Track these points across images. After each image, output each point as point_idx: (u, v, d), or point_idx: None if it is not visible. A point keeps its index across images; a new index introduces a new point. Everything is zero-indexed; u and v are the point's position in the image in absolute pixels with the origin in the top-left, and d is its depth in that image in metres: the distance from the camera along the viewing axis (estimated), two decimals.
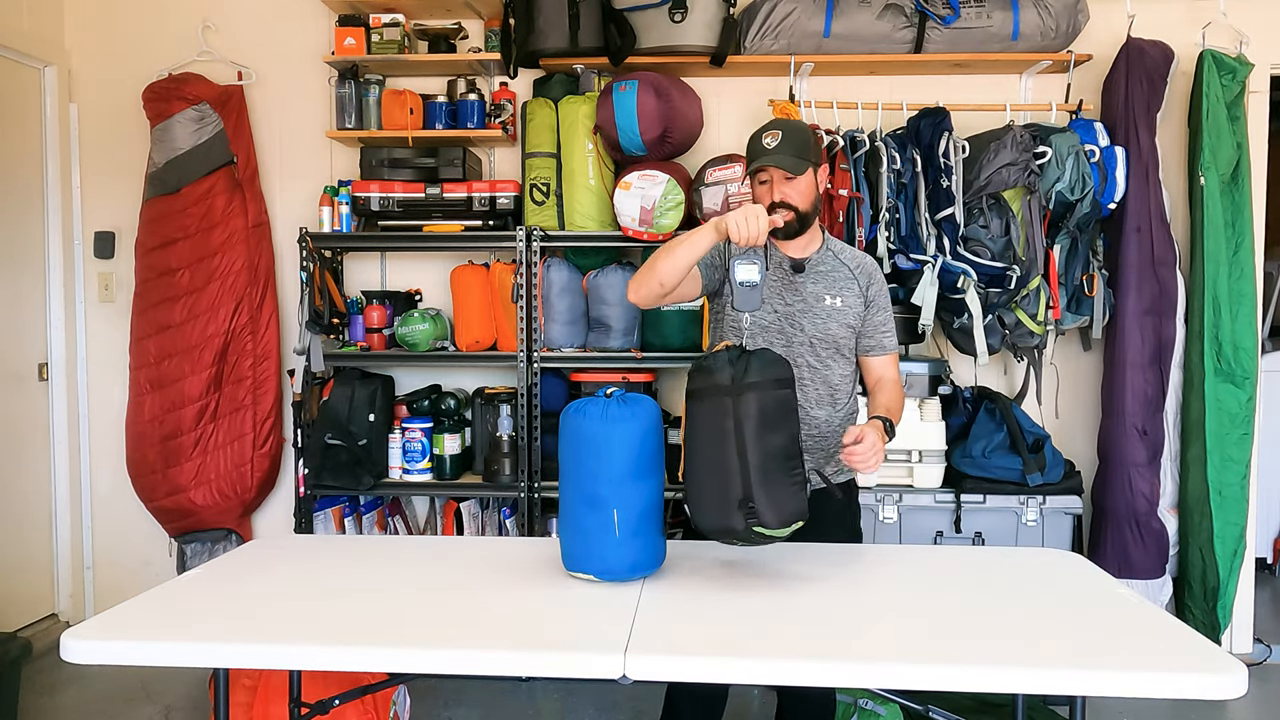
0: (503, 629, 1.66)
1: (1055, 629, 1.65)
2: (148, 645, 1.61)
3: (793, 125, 2.18)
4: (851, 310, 2.21)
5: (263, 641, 1.61)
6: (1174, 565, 3.33)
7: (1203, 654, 1.52)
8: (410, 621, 1.70)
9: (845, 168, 3.18)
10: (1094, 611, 1.75)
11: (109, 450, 3.80)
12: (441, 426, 3.47)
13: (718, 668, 1.54)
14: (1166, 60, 3.30)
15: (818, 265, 2.22)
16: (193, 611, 1.75)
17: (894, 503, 3.15)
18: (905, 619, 1.71)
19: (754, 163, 2.14)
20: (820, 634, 1.64)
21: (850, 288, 2.22)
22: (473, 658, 1.56)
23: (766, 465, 1.81)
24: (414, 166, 3.45)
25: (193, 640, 1.61)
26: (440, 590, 1.88)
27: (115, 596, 2.42)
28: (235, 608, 1.77)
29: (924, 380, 3.20)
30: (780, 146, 2.11)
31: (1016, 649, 1.56)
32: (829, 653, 1.56)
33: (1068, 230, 3.25)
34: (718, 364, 1.86)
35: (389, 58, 3.45)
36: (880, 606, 1.79)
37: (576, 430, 1.87)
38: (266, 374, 3.60)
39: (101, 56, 3.77)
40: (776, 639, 1.61)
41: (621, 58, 3.33)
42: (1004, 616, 1.71)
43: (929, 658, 1.52)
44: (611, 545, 1.84)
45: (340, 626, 1.67)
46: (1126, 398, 3.28)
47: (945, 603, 1.81)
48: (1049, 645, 1.57)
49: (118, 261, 3.81)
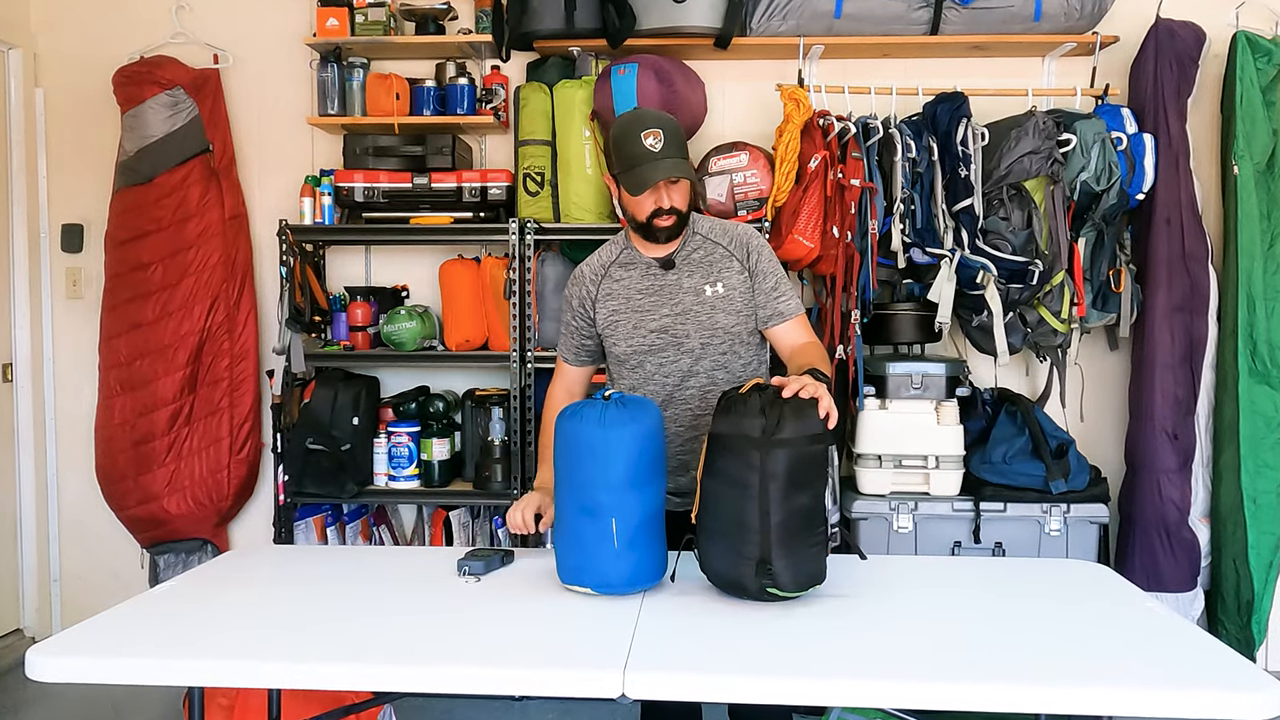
0: (495, 645, 1.66)
1: (1080, 645, 1.65)
2: (118, 662, 1.61)
3: (667, 118, 2.12)
4: (737, 292, 2.17)
5: (240, 658, 1.61)
6: (1206, 578, 3.33)
7: (1237, 671, 1.52)
8: (397, 637, 1.69)
9: (857, 156, 3.18)
10: (1121, 627, 1.75)
11: (77, 456, 3.80)
12: (430, 430, 3.47)
13: (722, 686, 1.54)
14: (1198, 42, 3.30)
15: (689, 255, 2.20)
16: (166, 627, 1.74)
17: (909, 511, 3.15)
18: (921, 634, 1.71)
19: (643, 171, 2.05)
20: (831, 650, 1.64)
21: (729, 267, 2.18)
22: (463, 675, 1.56)
23: (789, 524, 1.78)
24: (400, 155, 3.45)
25: (166, 657, 1.61)
26: (428, 604, 1.87)
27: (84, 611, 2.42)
28: (211, 623, 1.77)
29: (941, 381, 3.20)
30: (667, 148, 2.07)
31: (1039, 666, 1.56)
32: (840, 670, 1.56)
33: (1093, 222, 3.26)
34: (748, 411, 1.80)
35: (374, 39, 3.45)
36: (895, 621, 1.78)
37: (573, 435, 1.87)
38: (244, 375, 3.61)
39: (70, 38, 3.77)
40: (784, 655, 1.60)
41: (620, 39, 3.33)
42: (1025, 632, 1.71)
43: (946, 675, 1.52)
44: (610, 557, 1.84)
45: (322, 642, 1.67)
46: (1155, 400, 3.28)
47: (963, 617, 1.81)
48: (1073, 662, 1.57)
49: (86, 256, 3.81)
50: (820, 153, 3.17)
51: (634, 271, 2.21)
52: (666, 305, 2.18)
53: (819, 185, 3.17)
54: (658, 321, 2.18)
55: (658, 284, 2.19)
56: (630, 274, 2.21)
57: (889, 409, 3.19)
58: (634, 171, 2.08)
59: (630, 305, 2.20)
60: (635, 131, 2.08)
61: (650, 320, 2.18)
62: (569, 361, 2.32)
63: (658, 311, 2.18)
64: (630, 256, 2.23)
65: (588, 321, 2.25)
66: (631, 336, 2.19)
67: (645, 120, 2.11)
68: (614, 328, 2.21)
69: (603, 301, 2.22)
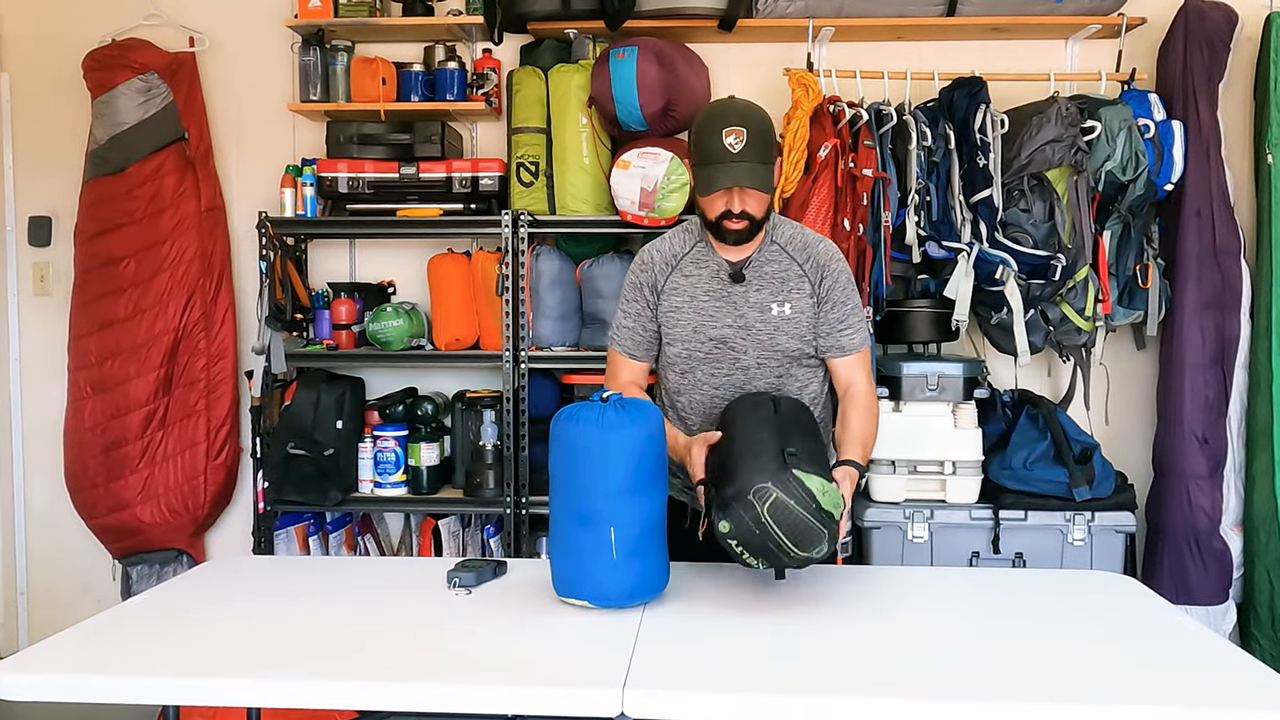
0: (486, 661, 1.66)
1: (1104, 661, 1.65)
2: (89, 679, 1.61)
3: (755, 115, 2.09)
4: (804, 316, 2.18)
5: (218, 675, 1.61)
6: (1238, 590, 3.33)
7: (1271, 689, 1.52)
8: (383, 652, 1.69)
9: (870, 145, 3.18)
10: (1148, 642, 1.76)
11: (45, 461, 3.79)
12: (418, 434, 3.47)
13: (726, 705, 1.54)
14: (1230, 23, 3.30)
15: (761, 266, 2.19)
16: (139, 642, 1.75)
17: (924, 520, 3.15)
18: (937, 650, 1.71)
19: (716, 172, 2.04)
20: (842, 668, 1.64)
21: (800, 288, 2.18)
22: (453, 693, 1.56)
23: (806, 445, 1.90)
24: (387, 143, 3.45)
25: (139, 674, 1.61)
26: (416, 618, 1.87)
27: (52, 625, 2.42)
28: (187, 637, 1.77)
29: (958, 383, 3.20)
30: (746, 151, 2.04)
31: (1062, 684, 1.56)
32: (852, 688, 1.56)
33: (1119, 215, 3.26)
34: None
35: (358, 21, 3.45)
36: (910, 636, 1.79)
37: (569, 438, 1.87)
38: (221, 376, 3.61)
39: (36, 20, 3.77)
40: (792, 673, 1.61)
41: (619, 21, 3.33)
42: (1047, 648, 1.71)
43: (963, 694, 1.52)
44: (608, 568, 1.84)
45: (304, 658, 1.67)
46: (1185, 402, 3.28)
47: (981, 632, 1.81)
48: (1097, 679, 1.57)
49: (55, 250, 3.81)
50: (830, 141, 3.17)
51: (704, 271, 2.21)
52: (730, 315, 2.18)
53: (829, 175, 3.17)
54: (718, 330, 2.18)
55: (725, 290, 2.19)
56: (701, 272, 2.21)
57: (903, 411, 3.18)
58: (706, 169, 2.07)
59: (694, 306, 2.20)
60: (717, 126, 2.05)
61: (711, 327, 2.19)
62: (629, 355, 2.27)
63: (720, 320, 2.18)
64: (703, 254, 2.22)
65: (653, 310, 2.23)
66: (690, 339, 2.20)
67: (730, 115, 2.07)
68: (674, 326, 2.21)
69: (668, 295, 2.22)
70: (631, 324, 2.25)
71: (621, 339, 2.27)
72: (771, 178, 2.09)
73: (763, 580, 2.03)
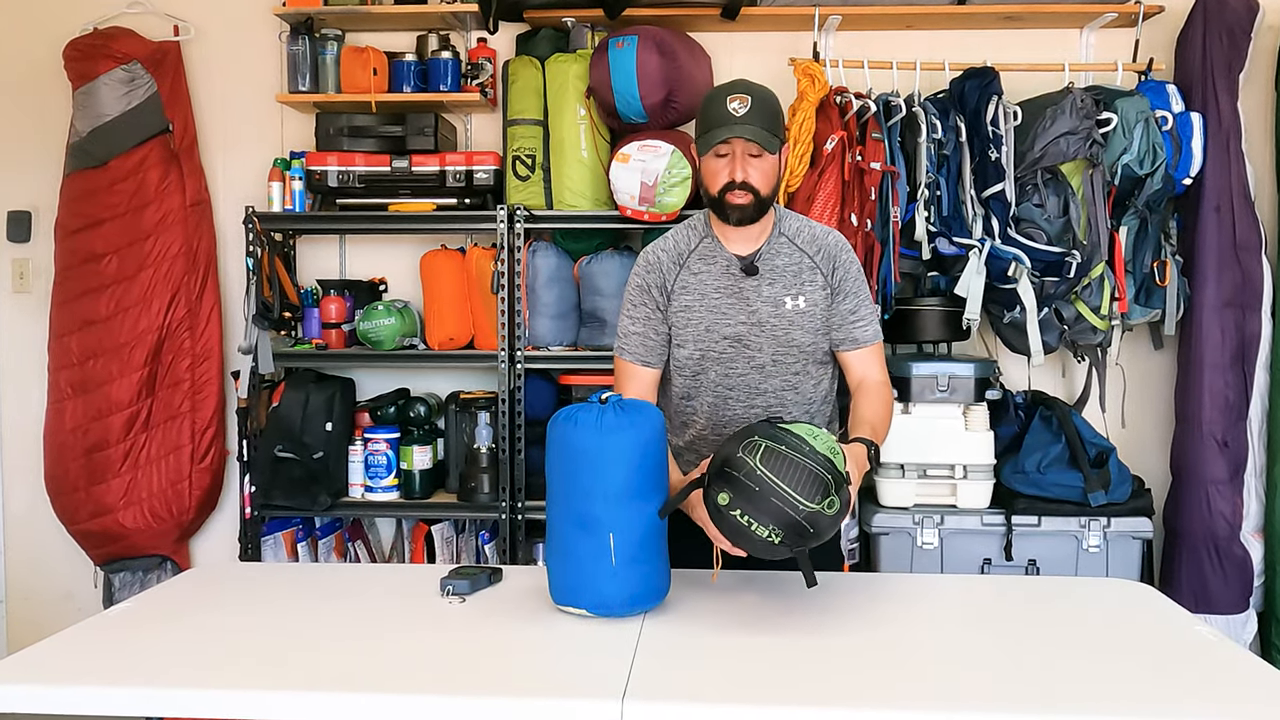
0: (482, 672, 1.66)
1: (1121, 672, 1.65)
2: (69, 690, 1.61)
3: (762, 90, 2.11)
4: (818, 309, 2.18)
5: (204, 687, 1.61)
6: (1259, 598, 3.34)
7: None
8: (374, 662, 1.69)
9: (878, 137, 3.18)
10: (1166, 652, 1.76)
11: (24, 465, 3.79)
12: (410, 437, 3.48)
13: (729, 718, 1.54)
14: (1251, 12, 3.30)
15: (773, 259, 2.19)
16: (122, 652, 1.75)
17: (934, 525, 3.15)
18: (947, 660, 1.71)
19: (716, 131, 2.05)
20: (849, 679, 1.64)
21: (813, 280, 2.18)
22: (446, 705, 1.56)
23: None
24: (378, 136, 3.45)
25: (122, 685, 1.61)
26: (409, 626, 1.87)
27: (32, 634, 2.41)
28: (171, 647, 1.77)
29: (969, 383, 3.20)
30: (750, 115, 2.05)
31: (1077, 695, 1.56)
32: (860, 699, 1.56)
33: (1136, 210, 3.26)
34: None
35: (349, 9, 3.45)
36: (919, 646, 1.79)
37: (566, 441, 1.87)
38: (207, 376, 3.61)
39: (15, 8, 3.77)
40: (797, 684, 1.61)
41: (619, 9, 3.33)
42: (1062, 658, 1.71)
43: (973, 705, 1.52)
44: (607, 575, 1.84)
45: (292, 669, 1.67)
46: (1204, 404, 3.28)
47: (992, 642, 1.81)
48: (1114, 690, 1.57)
49: (34, 245, 3.81)
50: (837, 133, 3.17)
51: (714, 267, 2.19)
52: (743, 311, 2.17)
53: (836, 169, 3.17)
54: (732, 328, 2.17)
55: (736, 285, 2.17)
56: (710, 269, 2.19)
57: (913, 413, 3.19)
58: (707, 134, 2.08)
59: (706, 304, 2.18)
60: (722, 95, 2.08)
61: (725, 324, 2.17)
62: (641, 363, 2.22)
63: (734, 317, 2.17)
64: (710, 249, 2.20)
65: (664, 312, 2.20)
66: (703, 339, 2.18)
67: (736, 86, 2.10)
68: (685, 326, 2.19)
69: (678, 295, 2.19)
70: (640, 329, 2.22)
71: (631, 347, 2.22)
72: (776, 146, 2.09)
73: (768, 587, 2.04)
